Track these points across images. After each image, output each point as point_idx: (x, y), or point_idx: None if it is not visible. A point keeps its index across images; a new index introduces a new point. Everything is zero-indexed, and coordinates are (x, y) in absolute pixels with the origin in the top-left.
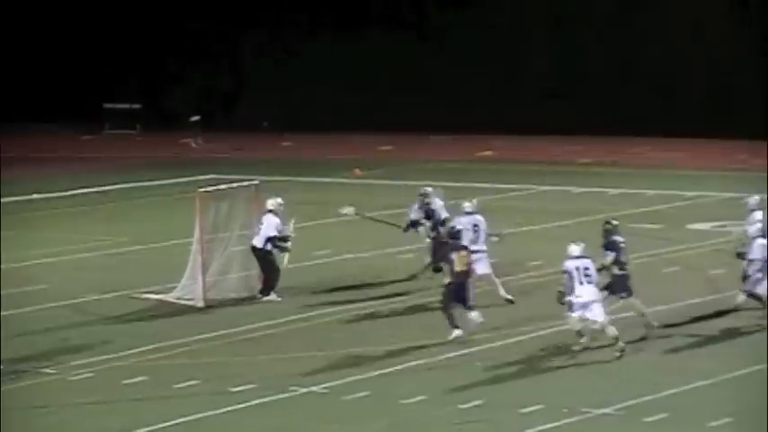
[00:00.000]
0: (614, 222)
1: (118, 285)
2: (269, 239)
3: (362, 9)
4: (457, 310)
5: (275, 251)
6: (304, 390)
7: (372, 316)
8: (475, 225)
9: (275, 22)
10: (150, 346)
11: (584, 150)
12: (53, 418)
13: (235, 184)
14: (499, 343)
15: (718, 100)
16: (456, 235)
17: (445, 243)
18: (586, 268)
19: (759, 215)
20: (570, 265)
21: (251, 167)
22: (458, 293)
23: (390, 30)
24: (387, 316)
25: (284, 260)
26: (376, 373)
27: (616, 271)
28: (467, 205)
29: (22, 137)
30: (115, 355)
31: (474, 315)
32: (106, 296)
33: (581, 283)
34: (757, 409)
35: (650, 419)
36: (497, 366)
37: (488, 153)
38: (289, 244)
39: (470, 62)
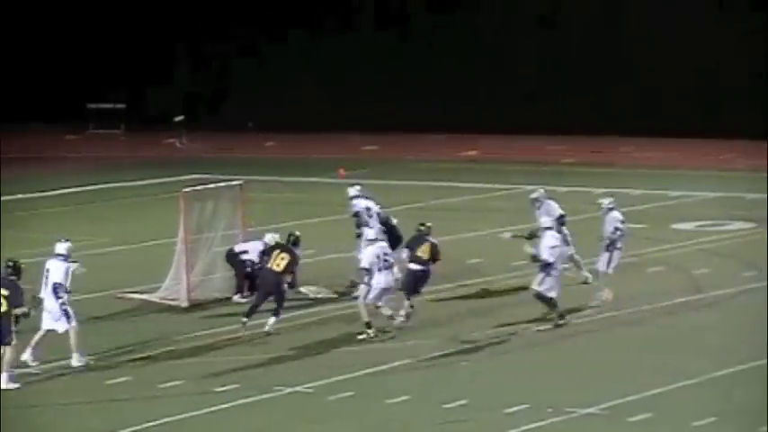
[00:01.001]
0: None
1: (102, 285)
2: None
3: (349, 9)
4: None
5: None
6: (289, 389)
7: (356, 315)
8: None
9: (260, 22)
10: (134, 347)
11: (570, 150)
12: (37, 420)
13: (219, 184)
14: (483, 342)
15: (704, 99)
16: None
17: None
18: (386, 254)
19: (616, 214)
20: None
21: (235, 167)
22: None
23: (376, 29)
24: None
25: None
26: (361, 372)
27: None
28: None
29: (7, 136)
30: (98, 355)
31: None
32: (89, 296)
33: (379, 270)
34: (741, 409)
35: (634, 419)
36: (482, 366)
37: (473, 153)
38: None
39: (455, 62)
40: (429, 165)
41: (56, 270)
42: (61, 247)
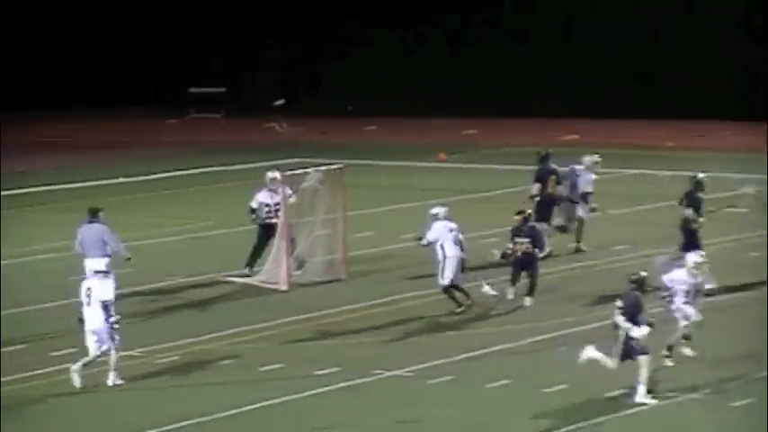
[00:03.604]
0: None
1: (204, 269)
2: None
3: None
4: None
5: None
6: (388, 373)
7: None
8: (451, 230)
9: (363, 7)
10: (235, 330)
11: (670, 134)
12: (135, 401)
13: (320, 168)
14: (581, 328)
15: None
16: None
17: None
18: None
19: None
20: None
21: (335, 152)
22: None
23: (471, 18)
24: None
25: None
26: (460, 357)
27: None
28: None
29: (108, 121)
30: (200, 338)
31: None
32: (192, 279)
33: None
34: None
35: (737, 404)
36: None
37: (574, 137)
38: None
39: (554, 47)
40: (528, 149)
41: (100, 288)
42: (100, 264)
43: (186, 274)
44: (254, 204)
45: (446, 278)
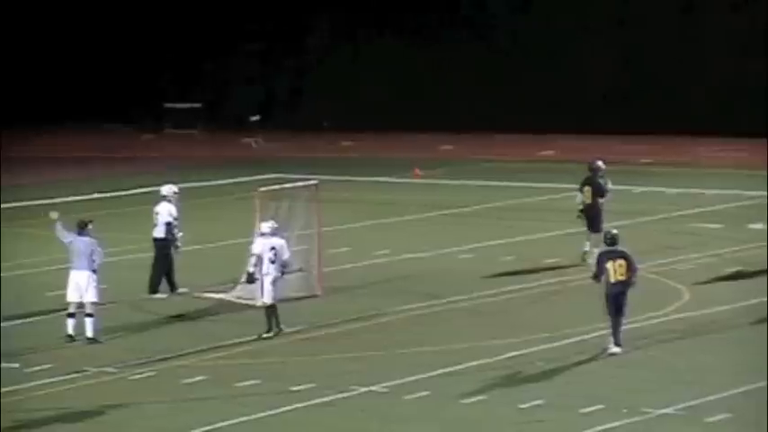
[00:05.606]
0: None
1: (179, 285)
2: (167, 225)
3: (425, 11)
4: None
5: (174, 248)
6: (364, 389)
7: (432, 316)
8: (272, 248)
9: (338, 22)
10: (210, 346)
11: (646, 150)
12: (111, 418)
13: (295, 184)
14: (557, 344)
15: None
16: (612, 241)
17: None
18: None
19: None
20: None
21: (311, 167)
22: (614, 304)
23: (451, 30)
24: (446, 316)
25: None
26: (436, 372)
27: None
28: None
29: (82, 136)
30: (176, 355)
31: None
32: (165, 295)
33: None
34: None
35: (712, 419)
36: (557, 366)
37: (550, 153)
38: (180, 236)
39: (532, 62)
40: (505, 164)
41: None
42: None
43: (161, 290)
44: (171, 219)
45: (264, 297)
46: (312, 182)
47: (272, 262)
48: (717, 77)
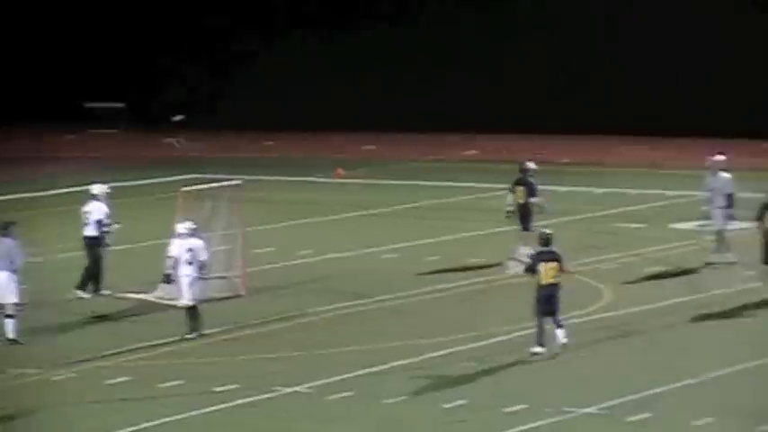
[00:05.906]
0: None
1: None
2: (98, 223)
3: (346, 6)
4: (544, 325)
5: (103, 247)
6: (288, 390)
7: (357, 315)
8: (189, 249)
9: (258, 21)
10: (133, 346)
11: (569, 150)
12: (34, 419)
13: (219, 184)
14: (482, 343)
15: (702, 99)
16: (546, 241)
17: None
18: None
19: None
20: None
21: (234, 167)
22: (545, 306)
23: (375, 27)
24: (371, 316)
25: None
26: (359, 372)
27: None
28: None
29: (4, 136)
30: (98, 356)
31: (559, 333)
32: (88, 296)
33: None
34: (741, 409)
35: (633, 419)
36: (481, 366)
37: (473, 152)
38: (116, 227)
39: (454, 61)
40: (428, 164)
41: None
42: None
43: (87, 289)
44: (102, 218)
45: (184, 299)
46: (236, 182)
47: (190, 263)
48: (642, 77)
